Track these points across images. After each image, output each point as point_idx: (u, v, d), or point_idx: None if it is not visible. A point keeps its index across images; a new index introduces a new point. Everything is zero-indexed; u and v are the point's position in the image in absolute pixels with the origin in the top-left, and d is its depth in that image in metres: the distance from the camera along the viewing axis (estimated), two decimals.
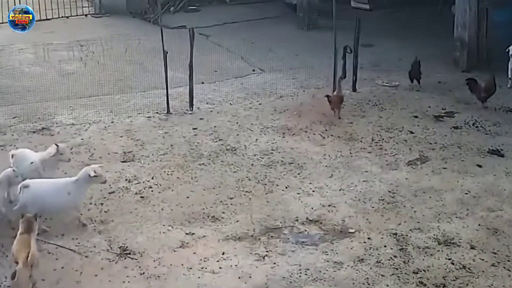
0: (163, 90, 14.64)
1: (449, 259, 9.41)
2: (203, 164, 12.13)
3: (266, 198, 11.01)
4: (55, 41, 19.39)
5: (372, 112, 14.48)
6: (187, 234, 10.00)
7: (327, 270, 9.18)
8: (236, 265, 9.26)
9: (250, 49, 18.47)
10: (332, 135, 13.30)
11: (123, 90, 15.66)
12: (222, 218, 10.44)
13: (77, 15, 22.85)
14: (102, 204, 10.78)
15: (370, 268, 9.21)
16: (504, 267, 9.23)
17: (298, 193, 11.17)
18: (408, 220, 10.38)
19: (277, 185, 11.44)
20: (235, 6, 23.89)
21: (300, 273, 9.11)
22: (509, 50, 15.68)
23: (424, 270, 9.16)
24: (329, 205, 10.80)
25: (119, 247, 9.62)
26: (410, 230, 10.11)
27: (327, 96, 14.25)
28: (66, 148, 11.12)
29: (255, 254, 9.53)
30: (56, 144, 10.94)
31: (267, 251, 9.59)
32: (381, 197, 11.06)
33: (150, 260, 9.36)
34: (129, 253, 9.50)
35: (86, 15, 23.08)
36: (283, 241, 9.86)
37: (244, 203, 10.86)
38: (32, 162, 10.65)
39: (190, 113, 14.43)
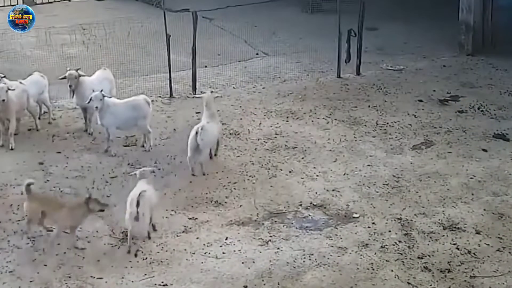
0: (165, 74, 14.54)
1: (454, 244, 9.36)
2: None
3: (269, 183, 10.95)
4: (57, 24, 19.22)
5: (376, 96, 14.40)
6: (190, 219, 9.95)
7: (331, 255, 9.13)
8: (239, 250, 9.21)
9: (253, 33, 18.36)
10: (336, 119, 13.21)
11: (125, 74, 15.57)
12: (226, 202, 10.39)
13: None
14: (104, 188, 10.72)
15: (375, 253, 9.16)
16: (509, 252, 9.18)
17: (302, 178, 11.11)
18: (413, 205, 10.32)
19: (281, 169, 11.37)
20: None
21: (304, 258, 9.06)
22: None
23: (429, 255, 9.11)
24: (333, 190, 10.74)
25: (122, 232, 9.56)
26: (415, 215, 10.05)
27: None
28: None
29: (259, 239, 9.48)
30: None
31: (270, 236, 9.54)
32: (386, 181, 11.00)
33: (153, 245, 9.31)
34: (132, 238, 9.43)
35: None
36: (286, 226, 9.81)
37: (247, 188, 10.80)
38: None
39: (193, 97, 14.35)
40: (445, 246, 9.31)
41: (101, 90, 11.69)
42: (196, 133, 11.10)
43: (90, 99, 11.57)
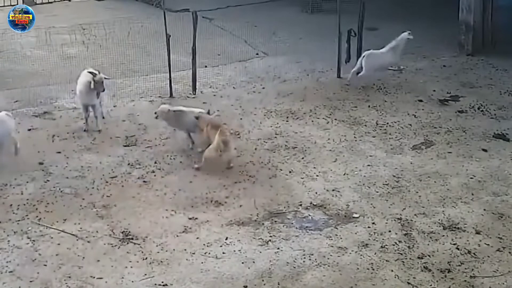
0: (165, 74, 14.54)
1: (454, 244, 9.35)
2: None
3: (269, 183, 10.95)
4: (57, 24, 19.25)
5: (376, 96, 14.39)
6: (190, 219, 9.94)
7: (331, 255, 9.13)
8: (239, 250, 9.21)
9: (253, 33, 18.36)
10: (336, 119, 13.21)
11: (125, 74, 15.57)
12: (226, 202, 10.38)
13: None
14: (104, 188, 10.73)
15: (375, 253, 9.15)
16: (509, 252, 9.17)
17: (302, 178, 11.11)
18: (413, 205, 10.32)
19: (281, 169, 11.37)
20: None
21: (304, 258, 9.05)
22: None
23: (429, 255, 9.11)
24: (333, 190, 10.74)
25: (122, 232, 9.57)
26: (415, 215, 10.05)
27: None
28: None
29: (259, 239, 9.47)
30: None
31: (270, 236, 9.54)
32: (386, 181, 10.99)
33: (153, 245, 9.31)
34: (132, 238, 9.45)
35: None
36: (286, 226, 9.80)
37: (247, 188, 10.80)
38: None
39: (193, 97, 14.35)
40: (445, 246, 9.31)
41: None
42: (363, 56, 14.18)
43: None
